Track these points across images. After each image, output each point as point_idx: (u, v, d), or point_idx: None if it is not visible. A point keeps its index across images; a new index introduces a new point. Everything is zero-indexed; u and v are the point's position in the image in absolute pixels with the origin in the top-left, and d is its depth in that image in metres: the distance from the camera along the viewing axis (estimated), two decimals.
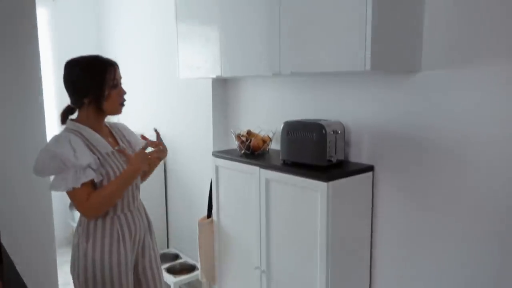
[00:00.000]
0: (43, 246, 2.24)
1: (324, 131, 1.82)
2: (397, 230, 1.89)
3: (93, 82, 1.50)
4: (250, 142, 2.29)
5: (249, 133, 2.38)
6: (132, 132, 1.80)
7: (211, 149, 2.70)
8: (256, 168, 2.08)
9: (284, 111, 2.37)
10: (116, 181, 1.54)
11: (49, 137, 3.90)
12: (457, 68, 1.61)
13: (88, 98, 1.52)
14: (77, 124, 1.56)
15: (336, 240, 1.78)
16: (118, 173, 1.56)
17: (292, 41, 1.81)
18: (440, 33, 1.64)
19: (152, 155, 1.62)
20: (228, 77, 2.36)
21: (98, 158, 1.54)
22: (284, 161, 2.02)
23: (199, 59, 2.44)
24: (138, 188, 1.74)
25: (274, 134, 2.34)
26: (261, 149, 2.29)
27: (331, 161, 1.86)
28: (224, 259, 2.42)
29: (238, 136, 2.37)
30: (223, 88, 2.79)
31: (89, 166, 1.48)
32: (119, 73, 1.60)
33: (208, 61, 2.37)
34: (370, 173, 1.93)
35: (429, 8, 1.66)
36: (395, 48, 1.60)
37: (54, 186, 1.49)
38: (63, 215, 4.02)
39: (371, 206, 1.96)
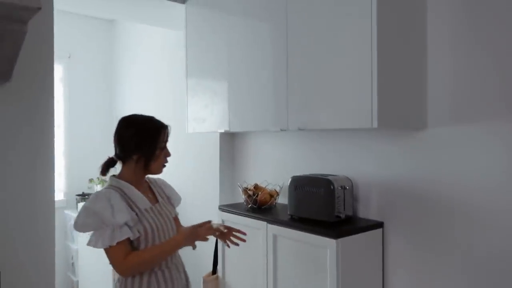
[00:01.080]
0: None
1: (332, 187, 1.82)
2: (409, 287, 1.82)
3: (146, 142, 1.56)
4: (257, 196, 2.28)
5: (256, 187, 2.38)
6: (170, 187, 1.83)
7: (217, 202, 2.69)
8: (264, 223, 2.05)
9: (291, 165, 2.39)
10: (160, 248, 1.54)
11: (61, 185, 3.90)
12: (462, 125, 1.64)
13: (137, 155, 1.57)
14: (119, 181, 1.59)
15: None
16: (155, 229, 1.56)
17: (300, 98, 1.86)
18: (444, 91, 1.69)
19: (203, 233, 1.61)
20: (235, 131, 2.40)
21: (137, 214, 1.55)
22: (291, 216, 2.00)
23: (207, 114, 2.49)
24: None
25: (281, 188, 2.34)
26: (268, 204, 2.28)
27: (339, 217, 1.84)
28: None
29: (245, 190, 2.37)
30: (231, 141, 2.83)
31: (126, 224, 1.49)
32: (168, 136, 1.66)
33: (216, 116, 2.43)
34: (379, 230, 1.90)
35: (433, 67, 1.72)
36: (401, 106, 1.64)
37: (92, 242, 1.50)
38: (64, 270, 3.93)
39: (381, 263, 1.91)
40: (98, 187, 3.56)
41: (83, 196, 3.87)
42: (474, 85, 1.60)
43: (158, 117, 1.69)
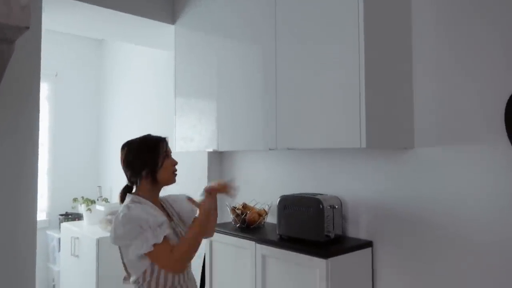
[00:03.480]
0: None
1: (321, 206, 1.82)
2: None
3: (148, 156, 1.64)
4: (245, 215, 2.26)
5: (244, 206, 2.37)
6: (178, 201, 1.85)
7: None
8: (252, 243, 2.03)
9: (279, 184, 2.38)
10: (195, 224, 1.64)
11: (44, 205, 3.80)
12: (448, 145, 1.67)
13: (145, 171, 1.64)
14: (137, 197, 1.64)
15: None
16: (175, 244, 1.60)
17: (289, 118, 1.88)
18: (430, 111, 1.73)
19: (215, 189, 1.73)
20: (224, 150, 2.39)
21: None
22: (280, 236, 1.99)
23: (195, 133, 2.49)
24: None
25: (270, 207, 2.33)
26: (257, 223, 2.26)
27: (329, 236, 1.83)
28: None
29: (233, 209, 2.35)
30: (218, 160, 2.82)
31: (163, 223, 1.54)
32: (169, 146, 1.74)
33: (204, 135, 2.42)
34: (369, 249, 1.89)
35: (419, 89, 1.77)
36: (388, 126, 1.67)
37: (134, 251, 1.50)
38: None
39: (371, 282, 1.90)
40: (83, 207, 3.49)
41: (66, 216, 3.79)
42: (458, 107, 1.65)
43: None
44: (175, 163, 1.73)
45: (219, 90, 2.32)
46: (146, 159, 1.64)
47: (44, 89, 3.86)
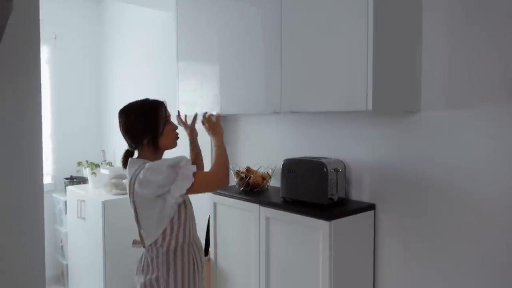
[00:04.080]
0: (34, 283, 2.15)
1: (325, 169, 1.83)
2: (399, 269, 1.86)
3: (148, 123, 1.63)
4: (249, 179, 2.28)
5: (248, 170, 2.38)
6: None
7: None
8: (256, 206, 2.06)
9: (283, 148, 2.39)
10: (217, 148, 1.73)
11: (49, 168, 3.84)
12: (454, 108, 1.65)
13: (146, 139, 1.64)
14: (143, 160, 1.64)
15: (338, 279, 1.75)
16: (188, 203, 1.69)
17: (293, 80, 1.85)
18: (438, 74, 1.69)
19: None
20: (227, 114, 2.38)
21: None
22: (284, 198, 2.01)
23: (198, 97, 2.47)
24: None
25: (273, 171, 2.34)
26: (260, 186, 2.28)
27: (332, 199, 1.85)
28: None
29: (237, 173, 2.36)
30: (222, 124, 2.80)
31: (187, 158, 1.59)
32: (168, 111, 1.72)
33: (207, 99, 2.40)
34: (371, 212, 1.92)
35: (427, 50, 1.72)
36: (395, 89, 1.65)
37: (179, 188, 1.54)
38: (53, 253, 3.91)
39: (373, 245, 1.94)
40: (87, 171, 3.52)
41: (71, 180, 3.83)
42: (467, 69, 1.61)
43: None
44: (176, 127, 1.72)
45: (222, 51, 2.28)
46: (146, 127, 1.62)
47: (44, 52, 3.80)
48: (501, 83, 1.52)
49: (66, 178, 3.87)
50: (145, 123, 1.62)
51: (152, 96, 1.76)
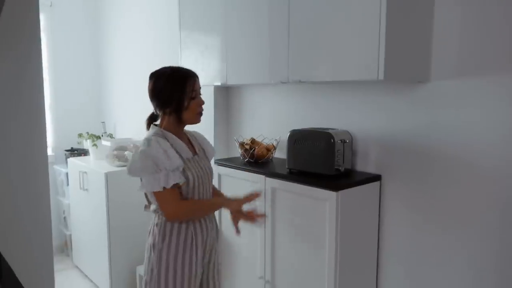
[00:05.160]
0: (40, 254, 2.17)
1: (332, 140, 1.82)
2: (404, 240, 1.88)
3: (174, 94, 1.59)
4: (254, 150, 2.27)
5: (253, 141, 2.36)
6: (206, 140, 1.87)
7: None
8: (262, 177, 2.06)
9: (287, 120, 2.36)
10: (208, 203, 1.70)
11: (49, 140, 3.82)
12: (465, 79, 1.62)
13: (169, 109, 1.61)
14: (163, 130, 1.63)
15: (344, 249, 1.77)
16: (196, 179, 1.63)
17: (302, 49, 1.80)
18: (449, 44, 1.65)
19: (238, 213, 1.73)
20: (232, 85, 2.34)
21: (184, 162, 1.60)
22: (290, 170, 2.00)
23: (202, 67, 2.42)
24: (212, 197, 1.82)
25: (278, 142, 2.33)
26: (265, 158, 2.28)
27: (339, 170, 1.85)
28: (227, 268, 2.39)
29: (242, 144, 2.35)
30: (225, 95, 2.77)
31: (177, 168, 1.56)
32: (199, 84, 1.68)
33: (212, 69, 2.36)
34: (377, 183, 1.92)
35: (438, 19, 1.68)
36: (406, 57, 1.61)
37: (145, 186, 1.56)
38: (56, 223, 3.94)
39: (378, 216, 1.95)
40: (88, 142, 3.50)
41: (72, 151, 3.81)
42: (479, 38, 1.57)
43: (148, 68, 1.68)
44: (202, 103, 1.67)
45: (227, 19, 2.21)
46: (171, 95, 1.59)
47: (40, 20, 3.69)
48: None
49: (67, 150, 3.85)
50: (171, 91, 1.59)
51: (152, 65, 1.72)
